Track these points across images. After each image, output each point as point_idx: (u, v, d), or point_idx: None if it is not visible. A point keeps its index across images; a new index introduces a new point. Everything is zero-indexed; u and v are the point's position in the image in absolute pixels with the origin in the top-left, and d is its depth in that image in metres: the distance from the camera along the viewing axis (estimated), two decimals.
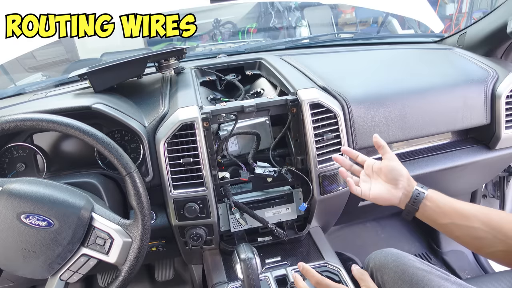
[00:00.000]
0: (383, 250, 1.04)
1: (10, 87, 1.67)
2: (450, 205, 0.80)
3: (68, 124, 0.80)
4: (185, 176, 1.02)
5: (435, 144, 1.34)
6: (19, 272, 0.79)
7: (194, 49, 2.09)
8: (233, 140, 1.14)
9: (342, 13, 3.87)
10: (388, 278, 0.96)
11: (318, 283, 0.83)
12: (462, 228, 0.78)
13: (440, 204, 0.81)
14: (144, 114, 1.10)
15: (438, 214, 0.81)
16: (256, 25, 3.28)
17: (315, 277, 0.84)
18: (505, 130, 1.27)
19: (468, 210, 0.79)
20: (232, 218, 1.10)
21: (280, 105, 1.08)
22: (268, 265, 1.07)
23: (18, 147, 1.07)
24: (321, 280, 0.83)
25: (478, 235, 0.77)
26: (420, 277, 0.91)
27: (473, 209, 0.79)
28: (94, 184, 0.96)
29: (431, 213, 0.82)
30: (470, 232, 0.78)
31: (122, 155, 0.82)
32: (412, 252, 1.82)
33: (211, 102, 1.26)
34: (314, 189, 1.07)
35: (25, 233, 0.74)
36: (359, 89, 1.19)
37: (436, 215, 0.81)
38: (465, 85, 1.25)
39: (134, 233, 0.82)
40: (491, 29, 1.39)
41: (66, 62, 2.52)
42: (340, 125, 1.08)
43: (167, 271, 1.68)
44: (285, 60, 1.39)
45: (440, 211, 0.81)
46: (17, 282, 1.20)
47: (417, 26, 2.94)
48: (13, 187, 0.76)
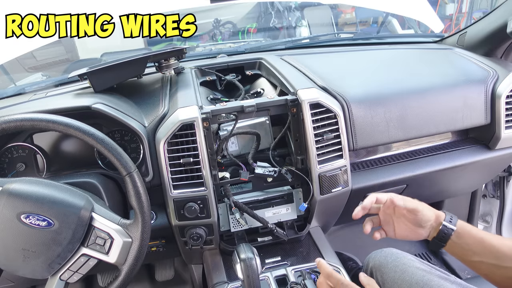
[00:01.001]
0: (383, 250, 1.04)
1: (10, 87, 1.67)
2: (480, 243, 0.77)
3: (68, 124, 0.80)
4: (185, 176, 1.02)
5: (435, 144, 1.34)
6: (19, 272, 0.79)
7: (194, 49, 2.09)
8: (233, 140, 1.14)
9: (342, 13, 3.88)
10: (388, 278, 0.96)
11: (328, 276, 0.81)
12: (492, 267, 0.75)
13: (469, 241, 0.77)
14: (144, 114, 1.10)
15: (467, 252, 0.78)
16: (256, 25, 3.29)
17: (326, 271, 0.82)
18: (505, 130, 1.27)
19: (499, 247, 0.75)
20: (232, 218, 1.10)
21: (280, 105, 1.08)
22: (268, 265, 1.07)
23: (18, 147, 1.07)
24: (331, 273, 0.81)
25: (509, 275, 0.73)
26: (420, 277, 0.91)
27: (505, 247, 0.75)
28: (94, 184, 0.96)
29: (459, 249, 0.79)
30: (501, 272, 0.74)
31: (122, 155, 0.82)
32: (412, 252, 1.82)
33: (211, 102, 1.26)
34: (314, 189, 1.07)
35: (25, 233, 0.74)
36: (359, 89, 1.19)
37: (464, 252, 0.78)
38: (465, 85, 1.25)
39: (134, 233, 0.82)
40: (491, 29, 1.39)
41: (66, 62, 2.53)
42: (340, 125, 1.08)
43: (167, 271, 1.68)
44: (285, 60, 1.39)
45: (469, 249, 0.77)
46: (17, 282, 1.20)
47: (417, 26, 2.94)
48: (13, 187, 0.76)
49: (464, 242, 0.78)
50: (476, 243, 0.77)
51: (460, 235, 0.79)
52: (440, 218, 0.82)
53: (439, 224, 0.81)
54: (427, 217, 0.82)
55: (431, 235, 0.83)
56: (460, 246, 0.79)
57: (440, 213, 0.83)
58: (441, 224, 0.80)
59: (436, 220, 0.82)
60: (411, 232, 0.84)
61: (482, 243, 0.77)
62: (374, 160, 1.28)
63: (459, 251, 0.79)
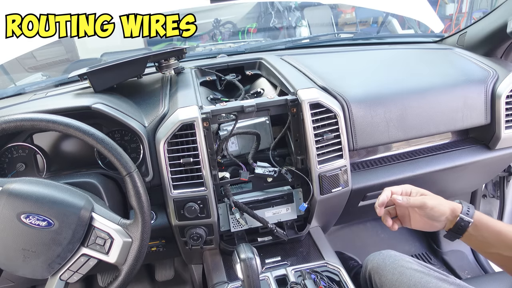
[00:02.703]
0: (381, 252, 1.04)
1: (10, 87, 1.67)
2: (497, 235, 0.77)
3: (68, 124, 0.80)
4: (185, 176, 1.02)
5: (435, 144, 1.34)
6: (19, 272, 0.79)
7: (194, 49, 2.09)
8: (233, 140, 1.14)
9: (342, 13, 3.88)
10: (386, 280, 0.96)
11: None
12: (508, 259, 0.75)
13: (485, 234, 0.77)
14: (144, 114, 1.10)
15: (483, 243, 0.78)
16: (256, 25, 3.29)
17: None
18: (505, 130, 1.27)
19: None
20: (232, 218, 1.10)
21: (280, 105, 1.08)
22: (268, 265, 1.07)
23: (18, 147, 1.07)
24: None
25: None
26: (418, 279, 0.91)
27: None
28: (94, 184, 0.96)
29: (475, 241, 0.79)
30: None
31: (122, 155, 0.82)
32: (412, 252, 1.82)
33: (211, 102, 1.26)
34: (314, 189, 1.07)
35: (25, 233, 0.74)
36: (359, 89, 1.19)
37: (480, 243, 0.78)
38: (465, 85, 1.25)
39: (134, 233, 0.82)
40: (491, 29, 1.39)
41: (66, 62, 2.53)
42: (340, 125, 1.08)
43: (167, 271, 1.68)
44: (285, 60, 1.39)
45: (485, 241, 0.78)
46: (17, 282, 1.20)
47: (417, 26, 2.94)
48: (13, 187, 0.76)
49: (480, 234, 0.78)
50: (492, 235, 0.77)
51: (477, 227, 0.78)
52: (456, 211, 0.81)
53: (455, 217, 0.80)
54: (439, 212, 0.82)
55: (447, 227, 0.82)
56: (476, 238, 0.78)
57: (456, 206, 0.82)
58: (457, 217, 0.80)
59: (452, 213, 0.81)
60: (425, 224, 0.84)
61: (498, 236, 0.76)
62: (374, 160, 1.28)
63: (475, 243, 0.79)
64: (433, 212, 0.82)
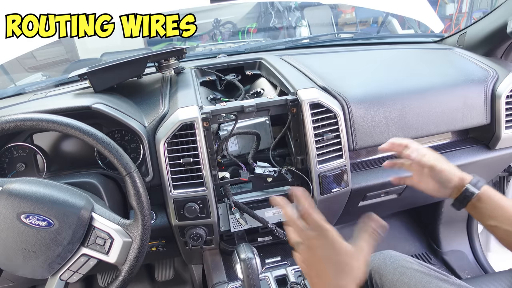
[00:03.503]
0: (382, 252, 1.04)
1: (10, 87, 1.67)
2: (499, 209, 0.78)
3: (68, 124, 0.80)
4: (185, 176, 1.02)
5: (435, 144, 1.34)
6: (19, 272, 0.79)
7: (194, 49, 2.09)
8: (233, 140, 1.14)
9: (342, 13, 3.88)
10: (387, 280, 0.96)
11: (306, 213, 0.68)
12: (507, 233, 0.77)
13: (489, 206, 0.79)
14: (144, 114, 1.10)
15: (485, 216, 0.80)
16: (256, 25, 3.29)
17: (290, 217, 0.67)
18: (505, 130, 1.27)
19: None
20: (232, 218, 1.10)
21: (280, 105, 1.08)
22: (268, 265, 1.07)
23: (18, 147, 1.07)
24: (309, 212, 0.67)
25: None
26: (418, 279, 0.91)
27: None
28: (94, 184, 0.96)
29: (478, 213, 0.81)
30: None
31: (122, 155, 0.82)
32: (412, 252, 1.82)
33: (211, 102, 1.26)
34: (314, 189, 1.07)
35: (25, 233, 0.74)
36: (359, 89, 1.19)
37: (482, 215, 0.80)
38: (465, 85, 1.25)
39: (134, 233, 0.82)
40: (491, 29, 1.39)
41: (66, 62, 2.53)
42: (340, 125, 1.08)
43: (167, 271, 1.68)
44: (285, 60, 1.39)
45: (487, 213, 0.79)
46: (17, 282, 1.20)
47: (417, 26, 2.94)
48: (13, 187, 0.76)
49: (483, 206, 0.80)
50: (495, 209, 0.79)
51: (481, 199, 0.80)
52: (464, 180, 0.83)
53: (462, 186, 0.82)
54: (447, 177, 0.83)
55: (453, 195, 0.84)
56: (479, 210, 0.80)
57: (466, 176, 0.84)
58: (464, 187, 0.82)
59: (460, 182, 0.83)
60: (434, 187, 0.85)
61: (501, 209, 0.78)
62: (374, 160, 1.28)
63: (477, 214, 0.81)
64: (442, 175, 0.84)
